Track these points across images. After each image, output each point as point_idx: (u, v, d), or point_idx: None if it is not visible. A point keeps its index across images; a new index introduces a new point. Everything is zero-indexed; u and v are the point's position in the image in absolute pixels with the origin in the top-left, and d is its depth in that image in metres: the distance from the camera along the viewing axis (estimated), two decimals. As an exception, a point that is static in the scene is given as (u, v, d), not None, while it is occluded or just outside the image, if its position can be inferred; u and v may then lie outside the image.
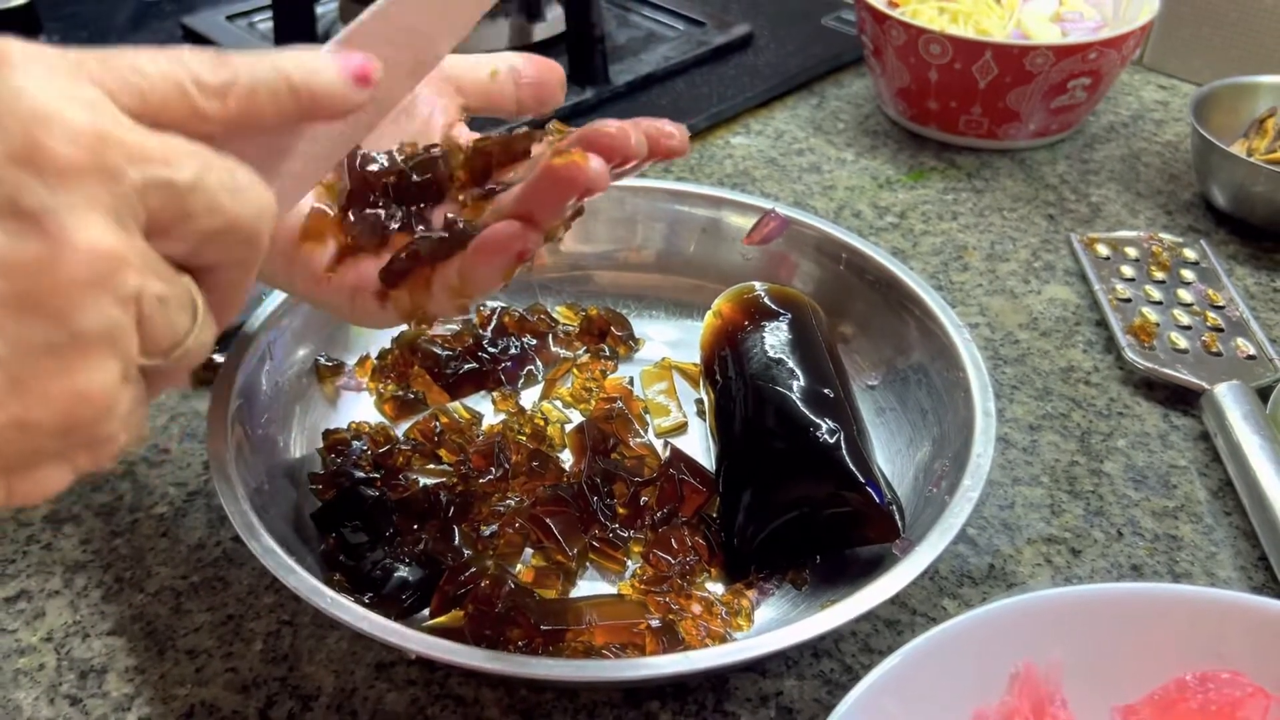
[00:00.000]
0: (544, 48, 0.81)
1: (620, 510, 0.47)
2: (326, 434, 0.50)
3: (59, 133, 0.24)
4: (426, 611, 0.43)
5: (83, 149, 0.25)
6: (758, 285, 0.54)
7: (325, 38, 0.42)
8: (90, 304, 0.25)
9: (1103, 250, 0.66)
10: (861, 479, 0.43)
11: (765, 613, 0.44)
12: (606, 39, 0.80)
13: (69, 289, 0.25)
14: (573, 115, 0.77)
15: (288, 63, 0.30)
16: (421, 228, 0.40)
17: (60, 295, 0.25)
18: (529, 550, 0.46)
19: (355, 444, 0.49)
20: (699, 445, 0.52)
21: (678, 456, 0.49)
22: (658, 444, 0.51)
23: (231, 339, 0.49)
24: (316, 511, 0.47)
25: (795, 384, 0.47)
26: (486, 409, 0.53)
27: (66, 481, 0.27)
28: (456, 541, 0.46)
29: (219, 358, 0.50)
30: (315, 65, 0.30)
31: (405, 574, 0.44)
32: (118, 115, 0.26)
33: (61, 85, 0.25)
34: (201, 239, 0.27)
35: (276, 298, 0.51)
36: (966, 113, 0.75)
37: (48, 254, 0.24)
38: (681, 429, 0.53)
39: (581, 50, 0.79)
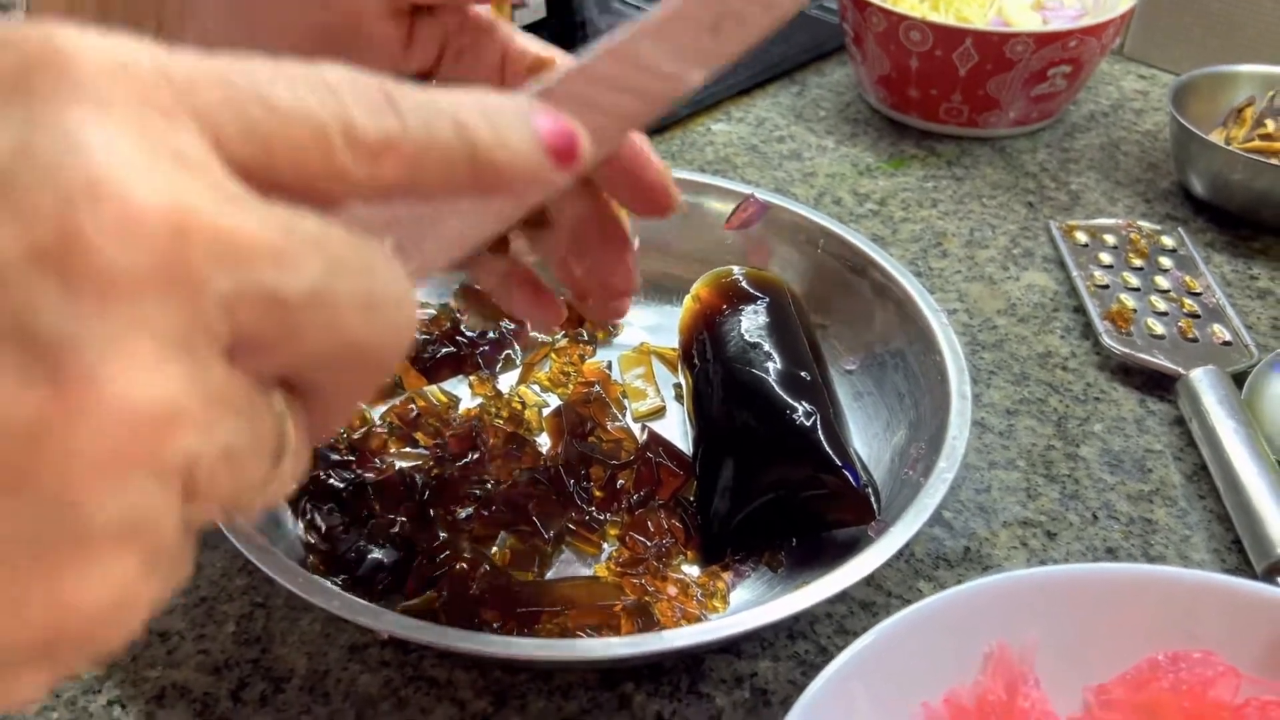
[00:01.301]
0: (525, 32, 0.80)
1: (597, 493, 0.47)
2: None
3: (113, 221, 0.16)
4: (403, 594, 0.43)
5: (146, 250, 0.16)
6: (736, 269, 0.53)
7: None
8: (103, 492, 0.16)
9: (1081, 237, 0.66)
10: (838, 461, 0.43)
11: (741, 595, 0.44)
12: (588, 24, 0.80)
13: (79, 466, 0.16)
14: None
15: (472, 117, 0.21)
16: None
17: (58, 476, 0.16)
18: (504, 534, 0.46)
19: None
20: (677, 429, 0.52)
21: (655, 440, 0.48)
22: (635, 428, 0.51)
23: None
24: (292, 494, 0.46)
25: (772, 367, 0.47)
26: (464, 393, 0.53)
27: (44, 688, 0.18)
28: (432, 524, 0.46)
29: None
30: (508, 128, 0.21)
31: (380, 556, 0.43)
32: (221, 182, 0.17)
33: (147, 131, 0.17)
34: (307, 362, 0.19)
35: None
36: (947, 100, 0.75)
37: (55, 411, 0.16)
38: (659, 413, 0.53)
39: (563, 36, 0.79)
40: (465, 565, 0.42)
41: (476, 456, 0.49)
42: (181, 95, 0.17)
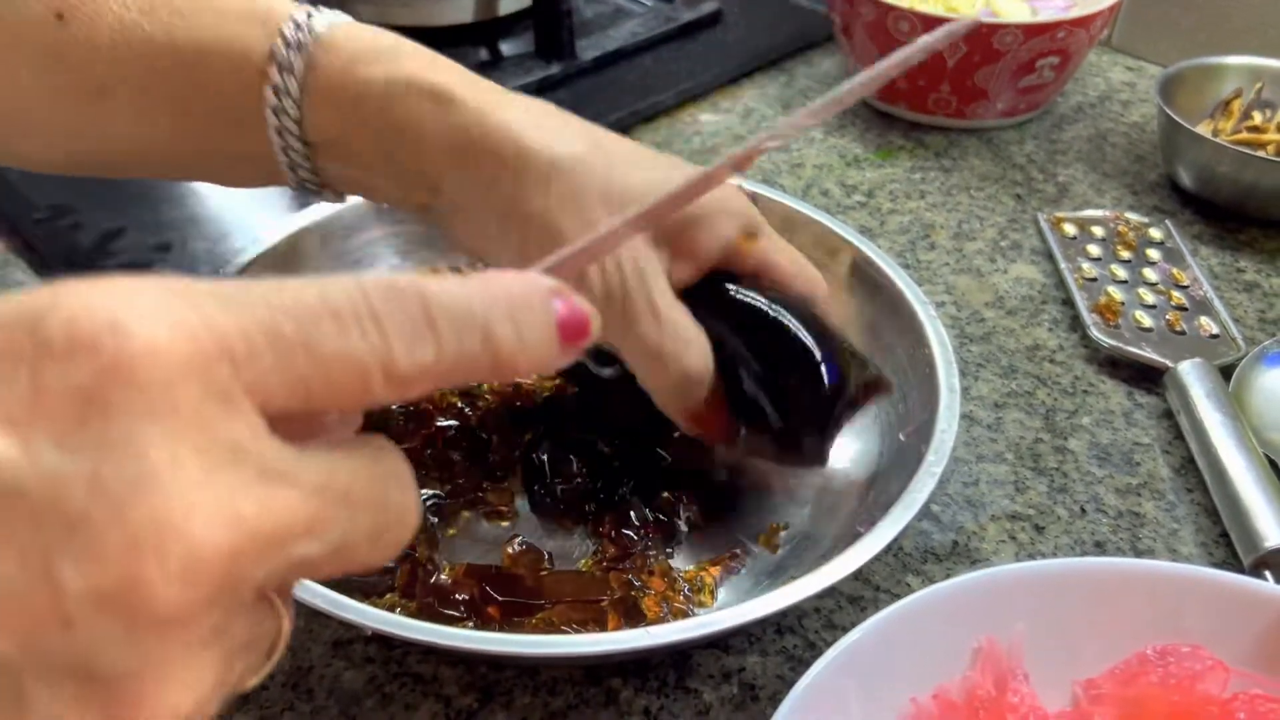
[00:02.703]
0: (510, 22, 0.80)
1: (568, 491, 0.46)
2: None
3: (177, 565, 0.17)
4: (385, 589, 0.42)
5: (203, 585, 0.17)
6: None
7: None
8: None
9: (1069, 230, 0.66)
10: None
11: (728, 589, 0.44)
12: (574, 13, 0.79)
13: None
14: (539, 90, 0.76)
15: (502, 328, 0.21)
16: None
17: None
18: (505, 530, 0.46)
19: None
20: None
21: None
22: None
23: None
24: None
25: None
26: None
27: None
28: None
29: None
30: (530, 329, 0.22)
31: None
32: (264, 464, 0.18)
33: (208, 436, 0.18)
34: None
35: (234, 270, 0.50)
36: (935, 91, 0.74)
37: None
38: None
39: (548, 25, 0.78)
40: (411, 570, 0.42)
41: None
42: (239, 369, 0.18)
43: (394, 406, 0.48)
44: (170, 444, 0.17)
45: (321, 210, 0.54)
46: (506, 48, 0.80)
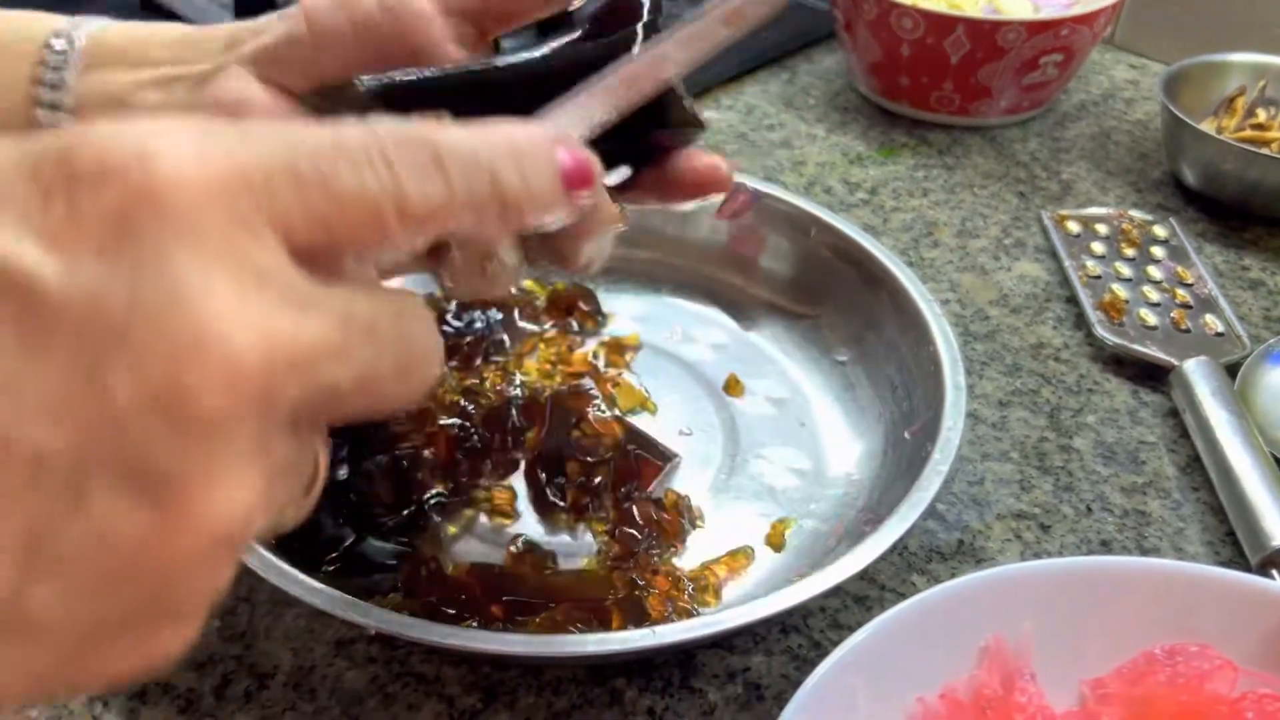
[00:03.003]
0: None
1: (571, 492, 0.46)
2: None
3: (217, 373, 0.18)
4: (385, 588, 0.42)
5: (243, 394, 0.18)
6: None
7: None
8: (199, 579, 0.19)
9: (1073, 227, 0.66)
10: None
11: (733, 589, 0.44)
12: (577, 11, 0.79)
13: (176, 567, 0.19)
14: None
15: (508, 171, 0.23)
16: None
17: (163, 574, 0.19)
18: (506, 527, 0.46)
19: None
20: (666, 423, 0.51)
21: (633, 434, 0.48)
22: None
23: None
24: None
25: None
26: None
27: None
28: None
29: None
30: (535, 173, 0.23)
31: (335, 533, 0.43)
32: (290, 287, 0.19)
33: (236, 258, 0.19)
34: (344, 416, 0.22)
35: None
36: (938, 89, 0.74)
37: (162, 526, 0.18)
38: (644, 406, 0.52)
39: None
40: (417, 566, 0.42)
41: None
42: (260, 201, 0.19)
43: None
44: (201, 265, 0.18)
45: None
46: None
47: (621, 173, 0.37)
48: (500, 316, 0.55)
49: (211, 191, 0.19)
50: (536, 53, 0.36)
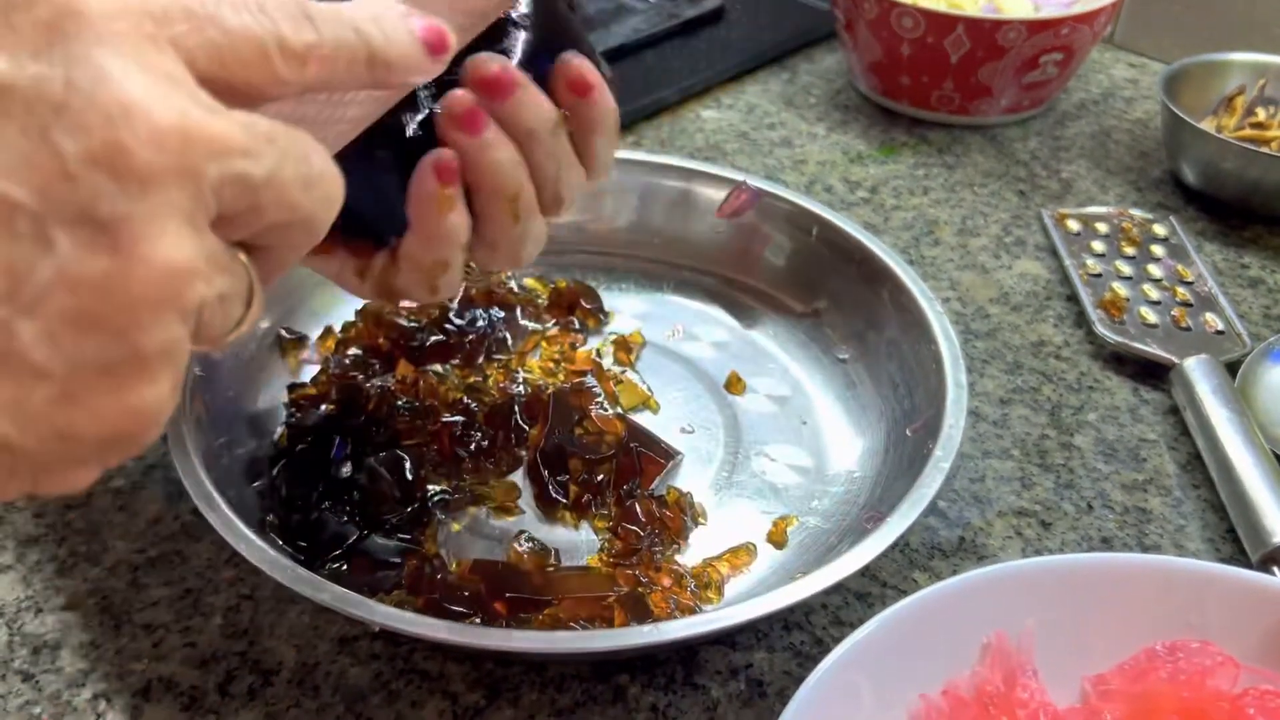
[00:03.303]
0: (513, 18, 0.79)
1: (573, 488, 0.46)
2: (292, 387, 0.50)
3: (144, 132, 0.22)
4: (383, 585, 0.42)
5: (168, 152, 0.22)
6: None
7: None
8: (156, 323, 0.23)
9: (1073, 226, 0.66)
10: None
11: (735, 586, 0.44)
12: (577, 10, 0.79)
13: (136, 307, 0.22)
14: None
15: (367, 25, 0.27)
16: None
17: (126, 313, 0.22)
18: (514, 526, 0.46)
19: (322, 407, 0.49)
20: (667, 421, 0.51)
21: (635, 431, 0.48)
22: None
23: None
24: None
25: None
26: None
27: (93, 479, 0.26)
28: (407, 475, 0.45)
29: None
30: (393, 30, 0.28)
31: (339, 530, 0.43)
32: (198, 94, 0.23)
33: (146, 61, 0.23)
34: (265, 230, 0.25)
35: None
36: (938, 88, 0.74)
37: (118, 269, 0.22)
38: (647, 403, 0.52)
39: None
40: (419, 565, 0.42)
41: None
42: (160, 26, 0.23)
43: (399, 403, 0.48)
44: (121, 61, 0.22)
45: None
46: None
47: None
48: (502, 315, 0.55)
49: (122, 12, 0.23)
50: None
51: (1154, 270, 0.62)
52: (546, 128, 0.37)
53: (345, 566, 0.42)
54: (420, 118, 0.36)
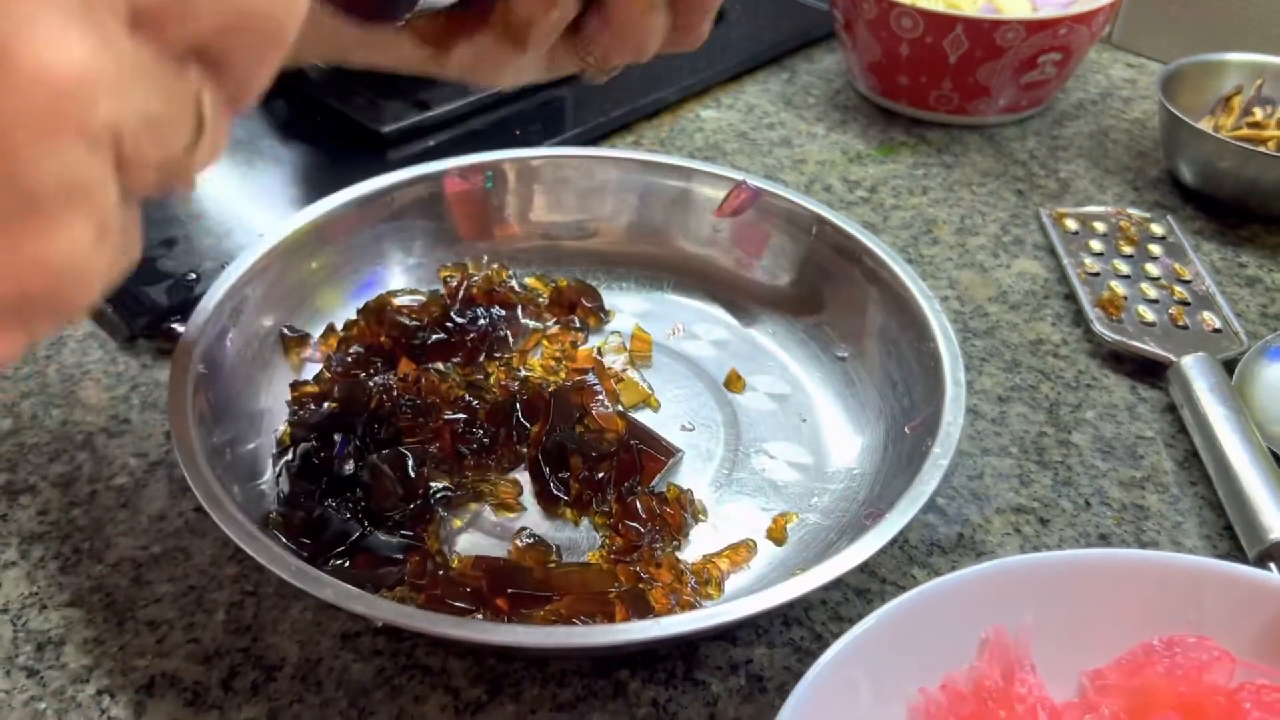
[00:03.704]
0: (513, 19, 0.80)
1: (574, 485, 0.47)
2: (294, 385, 0.50)
3: None
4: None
5: None
6: None
7: None
8: (43, 153, 0.19)
9: (1071, 225, 0.66)
10: None
11: (736, 582, 0.44)
12: None
13: (13, 135, 0.18)
14: (542, 86, 0.76)
15: None
16: None
17: (9, 140, 0.19)
18: (512, 522, 0.46)
19: (325, 405, 0.49)
20: (666, 419, 0.52)
21: (635, 429, 0.48)
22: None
23: (192, 307, 0.48)
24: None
25: None
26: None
27: (19, 350, 0.21)
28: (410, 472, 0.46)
29: (179, 327, 0.49)
30: None
31: (342, 527, 0.43)
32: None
33: None
34: (209, 35, 0.21)
35: (239, 266, 0.50)
36: (937, 88, 0.75)
37: None
38: (647, 401, 0.52)
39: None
40: (422, 562, 0.42)
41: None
42: None
43: (401, 401, 0.48)
44: None
45: (323, 206, 0.54)
46: None
47: None
48: (503, 314, 0.55)
49: None
50: None
51: (1152, 269, 0.62)
52: None
53: (348, 563, 0.43)
54: None
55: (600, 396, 0.50)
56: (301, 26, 0.23)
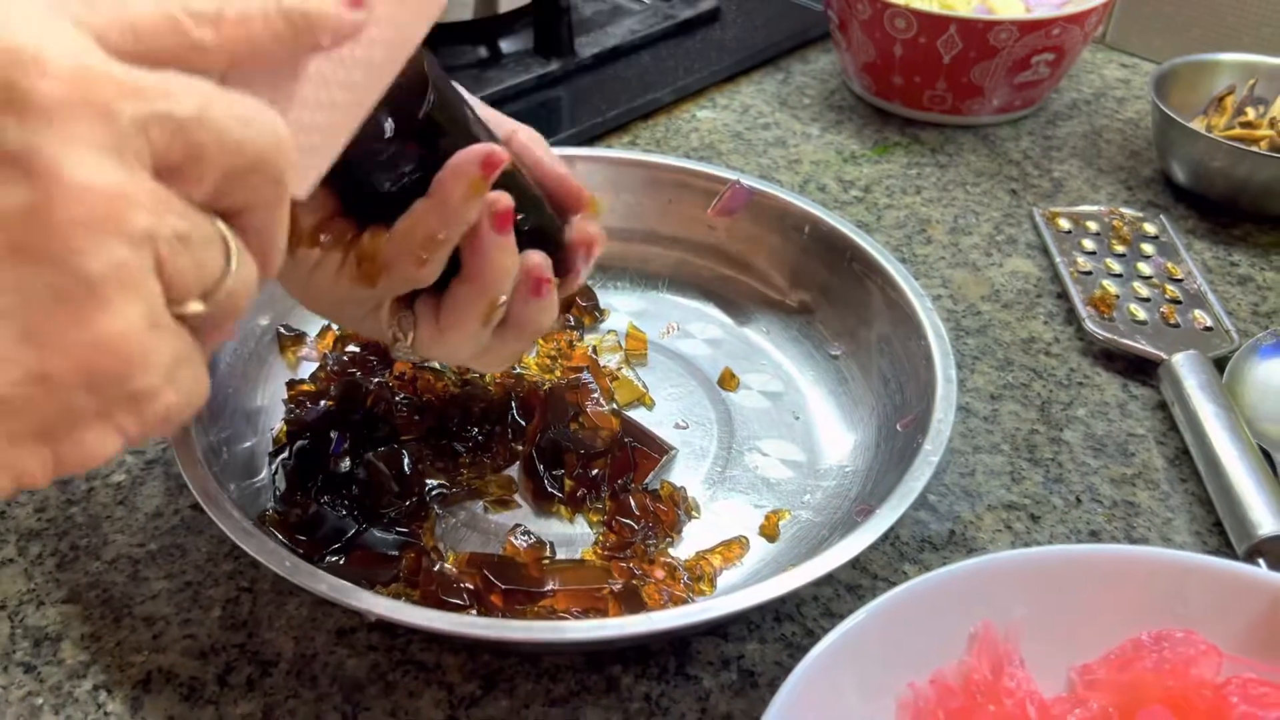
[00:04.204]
0: (510, 19, 0.80)
1: (568, 483, 0.47)
2: (291, 384, 0.51)
3: (38, 70, 0.22)
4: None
5: (67, 85, 0.23)
6: None
7: None
8: (94, 245, 0.23)
9: (1064, 224, 0.66)
10: None
11: (729, 578, 0.44)
12: (573, 11, 0.80)
13: (68, 231, 0.23)
14: (538, 87, 0.77)
15: None
16: None
17: (59, 238, 0.23)
18: (510, 521, 0.46)
19: (321, 403, 0.49)
20: (663, 417, 0.52)
21: (629, 425, 0.49)
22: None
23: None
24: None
25: None
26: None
27: (116, 446, 0.26)
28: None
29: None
30: None
31: (338, 524, 0.43)
32: (104, 56, 0.24)
33: (41, 20, 0.23)
34: (220, 178, 0.25)
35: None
36: (931, 88, 0.75)
37: (40, 197, 0.22)
38: (642, 400, 0.53)
39: (547, 22, 0.78)
40: (417, 559, 0.42)
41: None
42: (60, 6, 0.24)
43: (397, 399, 0.48)
44: (19, 11, 0.23)
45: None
46: (506, 45, 0.80)
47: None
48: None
49: None
50: None
51: (1144, 268, 0.62)
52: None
53: (343, 559, 0.43)
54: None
55: (595, 395, 0.51)
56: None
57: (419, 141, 0.36)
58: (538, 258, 0.40)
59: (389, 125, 0.35)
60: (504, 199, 0.37)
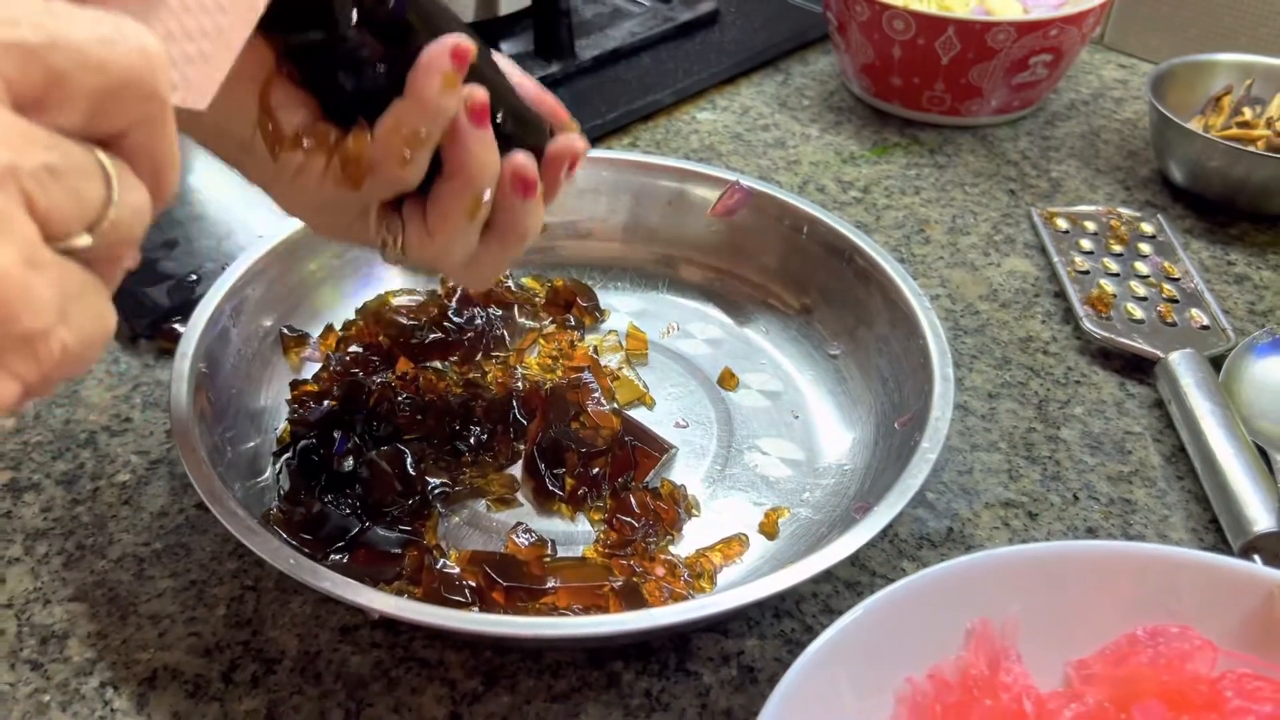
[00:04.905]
0: (510, 21, 0.80)
1: (569, 481, 0.47)
2: (294, 384, 0.51)
3: None
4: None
5: None
6: None
7: None
8: None
9: (1062, 224, 0.67)
10: None
11: (728, 575, 0.45)
12: (573, 13, 0.80)
13: None
14: (538, 89, 0.77)
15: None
16: None
17: None
18: (510, 521, 0.47)
19: (325, 403, 0.50)
20: (662, 416, 0.52)
21: (629, 424, 0.49)
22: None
23: (193, 308, 0.49)
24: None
25: None
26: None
27: (14, 392, 0.24)
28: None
29: (180, 327, 0.50)
30: None
31: (341, 523, 0.44)
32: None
33: None
34: (88, 104, 0.24)
35: (239, 266, 0.51)
36: (929, 89, 0.75)
37: None
38: (642, 399, 0.53)
39: (547, 24, 0.79)
40: (419, 557, 0.43)
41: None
42: None
43: (400, 399, 0.49)
44: None
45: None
46: (506, 47, 0.81)
47: None
48: (500, 313, 0.56)
49: None
50: None
51: (1141, 267, 0.63)
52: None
53: (347, 558, 0.43)
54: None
55: (596, 394, 0.51)
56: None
57: (387, 38, 0.36)
58: (522, 157, 0.40)
59: (355, 21, 0.35)
60: (479, 91, 0.37)
